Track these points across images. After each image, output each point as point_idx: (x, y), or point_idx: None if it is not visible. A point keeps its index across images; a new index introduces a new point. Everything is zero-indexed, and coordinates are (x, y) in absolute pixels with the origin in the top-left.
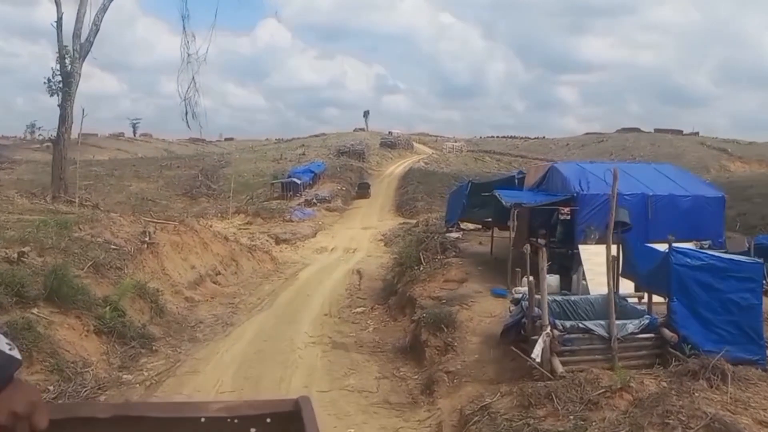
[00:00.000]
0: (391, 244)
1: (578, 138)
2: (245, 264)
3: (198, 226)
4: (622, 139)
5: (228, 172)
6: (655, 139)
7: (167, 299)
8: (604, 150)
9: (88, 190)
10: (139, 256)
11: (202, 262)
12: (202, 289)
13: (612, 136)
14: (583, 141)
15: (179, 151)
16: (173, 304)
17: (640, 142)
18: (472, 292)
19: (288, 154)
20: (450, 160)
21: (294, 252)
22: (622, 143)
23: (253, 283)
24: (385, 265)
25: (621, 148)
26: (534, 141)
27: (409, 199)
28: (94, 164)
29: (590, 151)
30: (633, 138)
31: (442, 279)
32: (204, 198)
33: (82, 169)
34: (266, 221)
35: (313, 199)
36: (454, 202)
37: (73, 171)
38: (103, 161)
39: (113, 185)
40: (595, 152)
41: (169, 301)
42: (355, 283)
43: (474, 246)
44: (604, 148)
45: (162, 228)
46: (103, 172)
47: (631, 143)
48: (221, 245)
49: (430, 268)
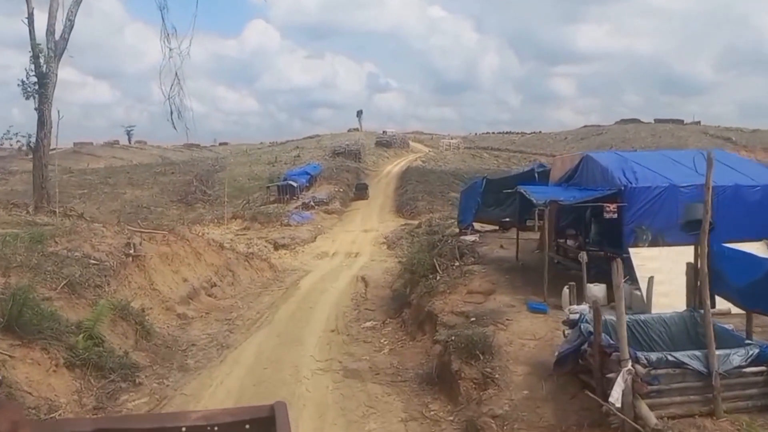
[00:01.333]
0: (395, 246)
1: (576, 131)
2: (242, 274)
3: (190, 234)
4: (622, 131)
5: (223, 176)
6: (655, 129)
7: (156, 318)
8: (603, 142)
9: (82, 198)
10: (123, 271)
11: (196, 273)
12: (196, 303)
13: (611, 128)
14: (582, 134)
15: (174, 157)
16: (163, 322)
17: (640, 134)
18: (503, 306)
19: (283, 156)
20: (447, 158)
21: (294, 258)
22: (621, 135)
23: (252, 294)
24: (391, 270)
25: (621, 140)
26: (531, 136)
27: (409, 199)
28: (88, 173)
29: (589, 143)
30: (633, 129)
31: (465, 290)
32: (200, 204)
33: (77, 178)
34: (264, 226)
35: (311, 201)
36: (468, 201)
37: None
38: (97, 169)
39: (107, 193)
40: (595, 145)
41: (159, 319)
42: (361, 292)
43: (495, 250)
44: (603, 141)
45: (150, 238)
46: (98, 181)
47: (631, 135)
48: (216, 255)
49: (449, 277)
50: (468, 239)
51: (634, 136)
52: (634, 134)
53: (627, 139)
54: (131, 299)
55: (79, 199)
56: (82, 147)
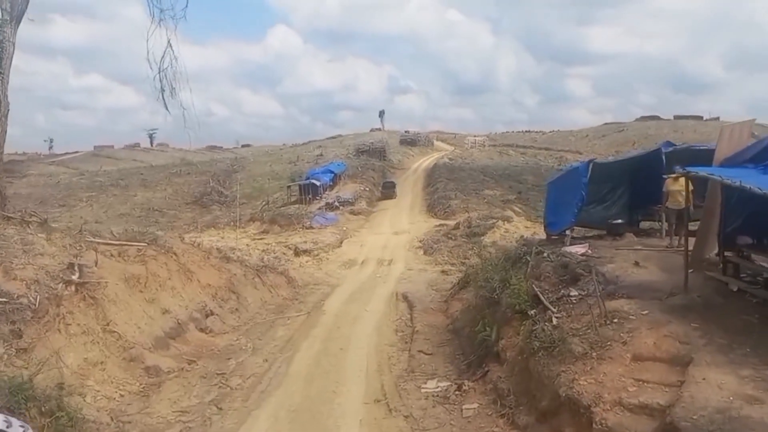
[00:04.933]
0: (433, 252)
1: (597, 128)
2: (251, 295)
3: (181, 245)
4: (643, 128)
5: (242, 176)
6: (677, 126)
7: (104, 382)
8: (625, 139)
9: (89, 201)
10: (54, 309)
11: (183, 301)
12: (179, 345)
13: (631, 125)
14: (603, 131)
15: (195, 159)
16: (112, 393)
17: (662, 130)
18: (735, 399)
19: (305, 155)
20: (474, 155)
21: (317, 266)
22: (643, 131)
23: (261, 324)
24: (435, 283)
25: (643, 136)
26: (552, 134)
27: (441, 198)
28: (100, 174)
29: (611, 140)
30: (654, 126)
31: (628, 355)
32: (215, 206)
33: (87, 180)
34: (284, 229)
35: (335, 202)
36: (562, 195)
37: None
38: (110, 171)
39: (117, 196)
40: (618, 142)
41: (107, 386)
42: (406, 319)
43: (628, 270)
44: (625, 137)
45: (119, 254)
46: (108, 183)
47: (653, 131)
48: (215, 272)
49: (573, 319)
50: (574, 251)
51: (656, 132)
52: (656, 130)
53: (649, 136)
54: (49, 362)
55: (86, 202)
56: (102, 150)
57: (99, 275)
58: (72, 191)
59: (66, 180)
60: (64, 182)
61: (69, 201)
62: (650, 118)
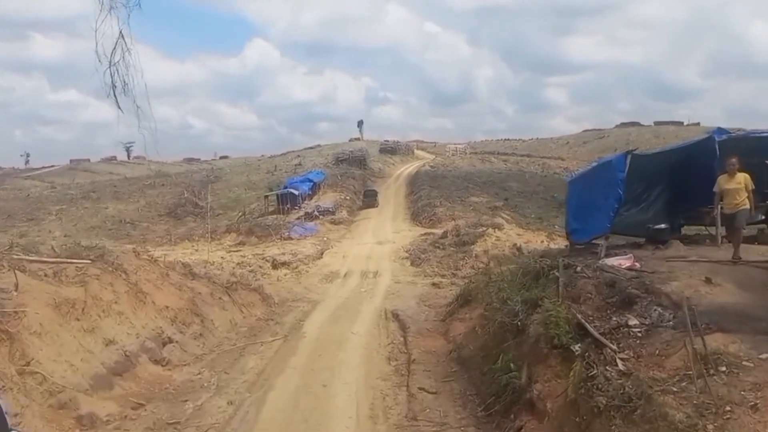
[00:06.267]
0: (421, 262)
1: (578, 135)
2: (218, 317)
3: (135, 262)
4: (624, 134)
5: (217, 187)
6: (658, 131)
7: None
8: (607, 146)
9: (58, 215)
10: None
11: (133, 329)
12: (126, 383)
13: (612, 131)
14: (584, 138)
15: (171, 171)
16: None
17: (643, 136)
18: None
19: (283, 165)
20: (456, 163)
21: (296, 280)
22: (624, 138)
23: (229, 353)
24: (426, 297)
25: (624, 142)
26: (532, 141)
27: (425, 206)
28: (72, 187)
29: (593, 147)
30: (635, 132)
31: None
32: (190, 217)
33: (58, 193)
34: (261, 240)
35: (315, 211)
36: (590, 195)
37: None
38: (82, 184)
39: (88, 209)
40: (599, 148)
41: None
42: (399, 343)
43: (701, 287)
44: (606, 144)
45: (54, 274)
46: (80, 195)
47: (633, 137)
48: (175, 292)
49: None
50: (617, 264)
51: (637, 139)
52: (637, 137)
53: (630, 141)
54: None
55: (55, 215)
56: (79, 164)
57: (18, 302)
58: (42, 204)
59: (37, 193)
60: (34, 195)
61: (38, 215)
62: (630, 125)
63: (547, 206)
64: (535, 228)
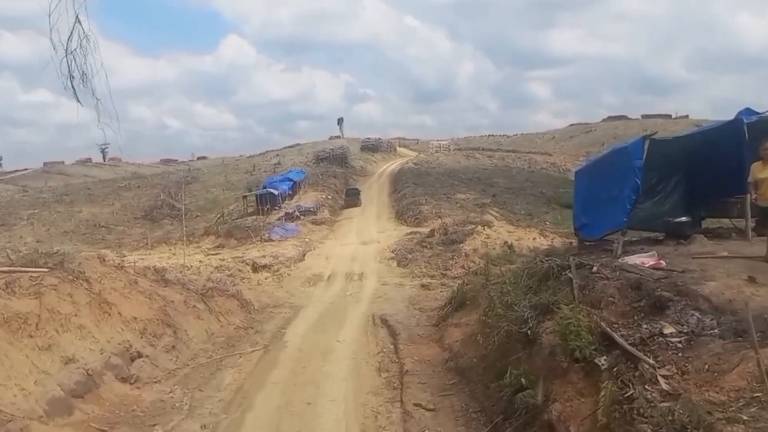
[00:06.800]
0: (408, 263)
1: (564, 130)
2: (192, 327)
3: (100, 269)
4: (611, 128)
5: (195, 188)
6: (645, 125)
7: None
8: (594, 140)
9: (30, 219)
10: None
11: (96, 344)
12: (88, 405)
13: (599, 125)
14: (570, 132)
15: (147, 172)
16: None
17: (631, 129)
18: None
19: (262, 165)
20: (440, 159)
21: (277, 284)
22: (611, 131)
23: (205, 366)
24: (416, 300)
25: (612, 136)
26: (517, 137)
27: (410, 204)
28: (44, 191)
29: (580, 141)
30: (622, 125)
31: None
32: (167, 220)
33: (29, 197)
34: (240, 243)
35: (296, 211)
36: (602, 186)
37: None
38: (55, 187)
39: (61, 213)
40: (586, 142)
41: None
42: (389, 351)
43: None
44: (594, 138)
45: (6, 285)
46: (52, 199)
47: (621, 131)
48: (145, 301)
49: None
50: (639, 262)
51: (625, 132)
52: (624, 130)
53: (618, 135)
54: None
55: (27, 220)
56: (53, 167)
57: None
58: (13, 209)
59: (8, 197)
60: (5, 200)
61: (9, 220)
62: (617, 118)
63: (536, 202)
64: (525, 225)
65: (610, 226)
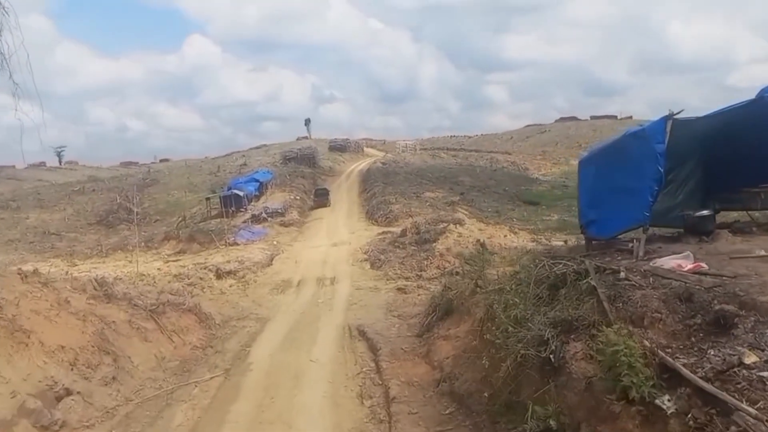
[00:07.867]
0: (382, 264)
1: (521, 131)
2: (138, 352)
3: (18, 288)
4: (564, 128)
5: (154, 191)
6: (594, 125)
7: None
8: (549, 140)
9: None
10: None
11: (5, 386)
12: None
13: (552, 126)
14: (526, 133)
15: (106, 175)
16: None
17: (582, 129)
18: None
19: (227, 166)
20: (407, 159)
21: (243, 292)
22: (564, 132)
23: (152, 402)
24: (394, 306)
25: (565, 136)
26: (478, 137)
27: (380, 203)
28: None
29: (535, 141)
30: (574, 126)
31: None
32: (124, 225)
33: None
34: (203, 247)
35: (262, 213)
36: (616, 176)
37: None
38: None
39: (5, 219)
40: (541, 142)
41: None
42: (370, 370)
43: None
44: (548, 138)
45: None
46: None
47: (573, 131)
48: (77, 324)
49: None
50: (674, 265)
51: (576, 132)
52: (576, 131)
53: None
54: None
55: None
56: (3, 170)
57: None
58: None
59: None
60: None
61: None
62: (569, 119)
63: (502, 200)
64: (494, 222)
65: (626, 223)
